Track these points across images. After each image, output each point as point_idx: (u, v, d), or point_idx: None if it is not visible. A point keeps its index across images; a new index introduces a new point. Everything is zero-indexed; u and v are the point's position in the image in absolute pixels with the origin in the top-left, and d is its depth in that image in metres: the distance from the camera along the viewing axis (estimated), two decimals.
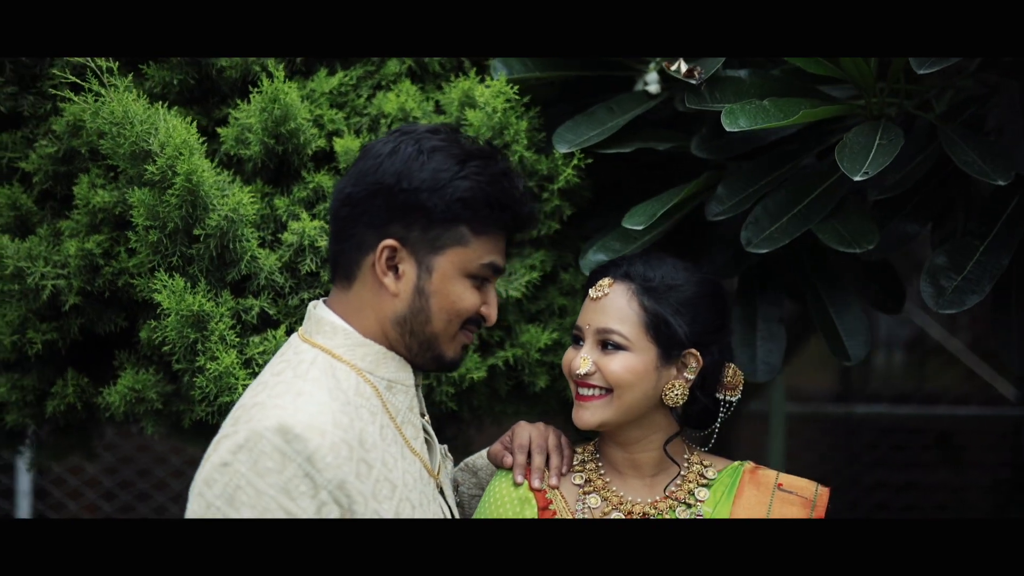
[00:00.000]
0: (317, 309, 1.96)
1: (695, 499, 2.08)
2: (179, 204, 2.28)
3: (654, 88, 2.56)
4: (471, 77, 2.57)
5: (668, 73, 2.46)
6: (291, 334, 2.01)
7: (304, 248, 2.40)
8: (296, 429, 1.76)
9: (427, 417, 2.06)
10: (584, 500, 2.09)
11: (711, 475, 2.11)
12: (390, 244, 1.88)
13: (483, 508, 2.12)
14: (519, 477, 2.10)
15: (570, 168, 2.55)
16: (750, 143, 2.48)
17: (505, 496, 2.10)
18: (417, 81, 2.62)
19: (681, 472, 2.11)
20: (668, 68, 2.44)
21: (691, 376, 2.06)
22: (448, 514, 2.02)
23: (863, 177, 2.19)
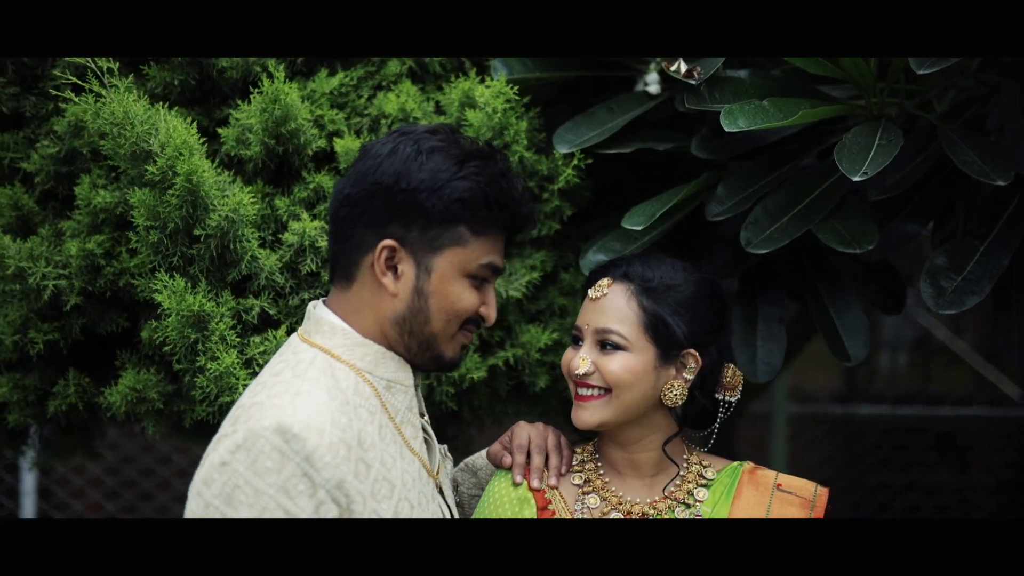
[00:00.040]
0: (316, 309, 1.96)
1: (694, 499, 2.08)
2: (179, 204, 2.28)
3: (654, 88, 2.56)
4: (471, 77, 2.57)
5: (668, 73, 2.46)
6: (292, 334, 2.01)
7: (305, 248, 2.40)
8: (294, 429, 1.76)
9: (426, 417, 2.06)
10: (583, 500, 2.09)
11: (710, 475, 2.11)
12: (389, 244, 1.89)
13: (482, 508, 2.12)
14: (518, 477, 2.10)
15: (570, 168, 2.55)
16: (750, 143, 2.48)
17: (504, 496, 2.10)
18: (417, 81, 2.63)
19: (680, 472, 2.11)
20: (667, 68, 2.44)
21: (690, 376, 2.06)
22: (447, 514, 2.02)
23: (862, 177, 2.19)
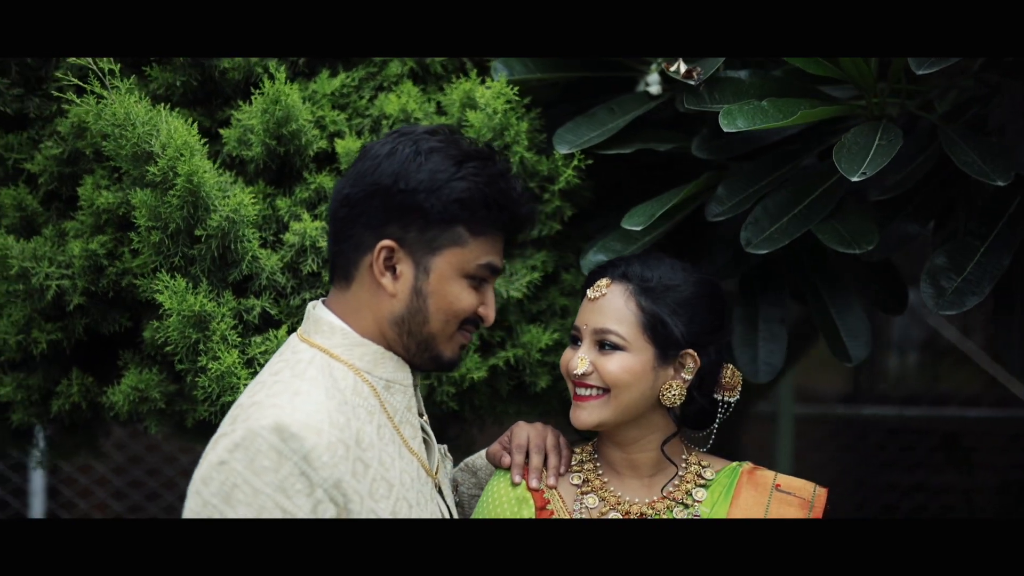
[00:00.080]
0: (316, 309, 1.97)
1: (693, 499, 2.07)
2: (180, 205, 2.29)
3: (655, 89, 2.56)
4: (472, 78, 2.58)
5: (668, 74, 2.46)
6: (292, 334, 2.02)
7: (306, 249, 2.41)
8: (292, 428, 1.76)
9: (425, 417, 2.06)
10: (582, 500, 2.09)
11: (709, 475, 2.10)
12: (387, 245, 1.89)
13: (481, 508, 2.12)
14: (517, 477, 2.10)
15: (571, 169, 2.55)
16: (750, 144, 2.48)
17: (503, 496, 2.10)
18: (419, 82, 2.63)
19: (679, 472, 2.11)
20: (667, 69, 2.44)
21: (688, 376, 2.06)
22: (446, 514, 2.02)
23: (861, 177, 2.19)
